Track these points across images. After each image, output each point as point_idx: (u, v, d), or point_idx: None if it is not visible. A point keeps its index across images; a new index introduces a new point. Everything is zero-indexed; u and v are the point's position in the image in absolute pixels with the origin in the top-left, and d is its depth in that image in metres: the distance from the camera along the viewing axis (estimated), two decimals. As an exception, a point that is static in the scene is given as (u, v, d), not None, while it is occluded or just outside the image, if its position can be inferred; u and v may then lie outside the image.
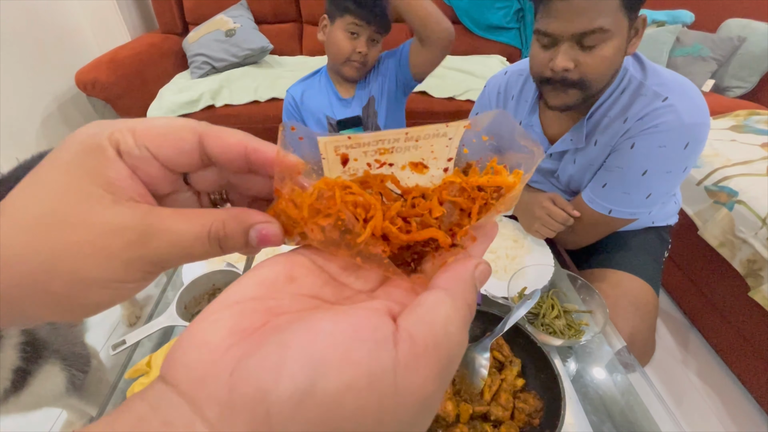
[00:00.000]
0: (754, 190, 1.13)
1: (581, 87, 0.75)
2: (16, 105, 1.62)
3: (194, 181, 0.20)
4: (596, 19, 0.67)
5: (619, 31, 0.69)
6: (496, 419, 0.54)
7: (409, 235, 0.19)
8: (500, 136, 0.20)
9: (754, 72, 1.71)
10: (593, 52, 0.71)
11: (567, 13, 0.69)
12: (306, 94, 1.13)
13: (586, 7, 0.67)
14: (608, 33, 0.68)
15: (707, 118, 0.75)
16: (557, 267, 0.77)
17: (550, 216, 0.84)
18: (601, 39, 0.69)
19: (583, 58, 0.71)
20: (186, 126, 0.18)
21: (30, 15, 1.68)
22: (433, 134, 0.19)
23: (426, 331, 0.15)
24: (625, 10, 0.68)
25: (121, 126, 0.17)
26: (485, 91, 1.04)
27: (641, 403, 0.60)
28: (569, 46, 0.71)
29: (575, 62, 0.72)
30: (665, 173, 0.77)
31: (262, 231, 0.18)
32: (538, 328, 0.66)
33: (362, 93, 1.14)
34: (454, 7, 2.05)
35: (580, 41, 0.70)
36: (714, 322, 1.31)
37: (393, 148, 0.19)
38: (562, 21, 0.70)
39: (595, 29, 0.68)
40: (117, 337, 0.84)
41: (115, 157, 0.17)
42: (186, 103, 1.69)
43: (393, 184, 0.20)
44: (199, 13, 2.04)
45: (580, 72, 0.73)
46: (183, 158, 0.18)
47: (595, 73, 0.73)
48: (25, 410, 0.76)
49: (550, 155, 0.93)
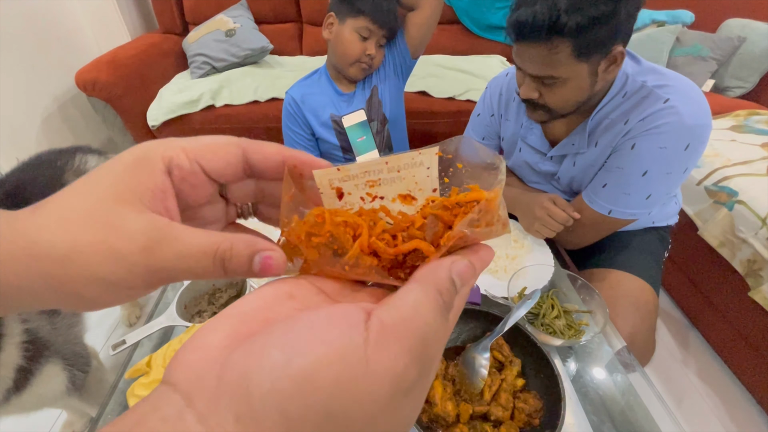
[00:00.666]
0: (754, 190, 1.13)
1: (546, 110, 0.79)
2: (16, 105, 1.62)
3: (231, 191, 0.22)
4: (546, 68, 0.71)
5: (575, 75, 0.72)
6: (496, 419, 0.54)
7: (396, 249, 0.20)
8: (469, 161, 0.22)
9: (754, 72, 1.71)
10: (552, 89, 0.75)
11: (524, 56, 0.73)
12: (306, 94, 1.13)
13: (537, 56, 0.71)
14: (560, 79, 0.72)
15: (709, 119, 0.74)
16: (557, 267, 0.77)
17: (550, 216, 0.84)
18: (557, 82, 0.73)
19: (544, 91, 0.76)
20: (231, 141, 0.21)
21: (30, 15, 1.68)
22: (410, 163, 0.21)
23: (395, 313, 0.16)
24: (579, 58, 0.69)
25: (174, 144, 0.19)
26: (486, 93, 1.04)
27: (641, 403, 0.60)
28: (531, 80, 0.76)
29: (539, 92, 0.77)
30: (665, 174, 0.77)
31: (267, 258, 0.19)
32: (538, 328, 0.66)
33: (363, 85, 1.14)
34: (454, 7, 2.05)
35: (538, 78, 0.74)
36: (714, 322, 1.31)
37: (379, 179, 0.21)
38: (521, 60, 0.74)
39: (546, 76, 0.72)
40: (117, 337, 0.84)
41: (160, 172, 0.19)
42: (186, 103, 1.69)
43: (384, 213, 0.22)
44: (199, 13, 2.04)
45: (543, 100, 0.77)
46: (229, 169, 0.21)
47: (555, 105, 0.78)
48: (26, 410, 0.76)
49: (551, 158, 0.93)
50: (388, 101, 1.17)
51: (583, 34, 0.65)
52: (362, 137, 1.16)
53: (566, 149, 0.88)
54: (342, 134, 1.14)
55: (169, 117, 1.69)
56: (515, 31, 0.70)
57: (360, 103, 1.13)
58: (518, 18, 0.68)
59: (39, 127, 1.74)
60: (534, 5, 0.66)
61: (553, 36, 0.66)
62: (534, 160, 0.97)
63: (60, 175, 0.92)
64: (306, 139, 1.15)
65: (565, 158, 0.91)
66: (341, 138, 1.15)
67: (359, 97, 1.13)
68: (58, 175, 0.92)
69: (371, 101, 1.14)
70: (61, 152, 0.99)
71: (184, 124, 1.71)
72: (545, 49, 0.68)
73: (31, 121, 1.71)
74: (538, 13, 0.65)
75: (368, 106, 1.14)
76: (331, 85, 1.12)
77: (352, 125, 1.14)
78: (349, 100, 1.13)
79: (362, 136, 1.16)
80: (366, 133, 1.16)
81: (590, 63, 0.70)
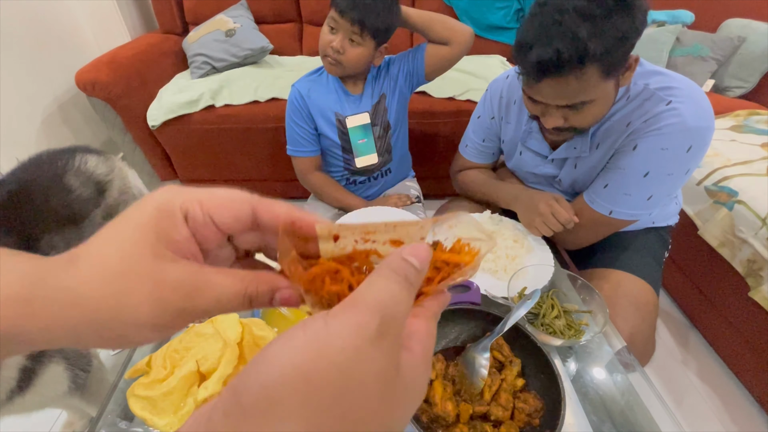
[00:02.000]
0: (754, 190, 1.13)
1: (574, 131, 0.79)
2: (16, 105, 1.62)
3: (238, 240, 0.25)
4: (577, 95, 0.69)
5: (603, 93, 0.71)
6: (496, 419, 0.54)
7: None
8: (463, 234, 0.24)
9: (754, 72, 1.71)
10: (581, 111, 0.73)
11: (549, 92, 0.70)
12: (313, 90, 1.12)
13: (565, 88, 0.68)
14: (592, 101, 0.71)
15: (712, 121, 0.74)
16: (557, 267, 0.77)
17: (554, 215, 0.84)
18: (587, 104, 0.71)
19: (572, 116, 0.74)
20: (244, 199, 0.23)
21: (30, 15, 1.68)
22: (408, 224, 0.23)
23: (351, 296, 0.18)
24: (606, 77, 0.68)
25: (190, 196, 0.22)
26: (487, 96, 1.04)
27: (641, 403, 0.60)
28: (556, 109, 0.74)
29: (565, 118, 0.75)
30: (667, 175, 0.77)
31: (284, 295, 0.22)
32: (538, 328, 0.66)
33: (370, 90, 1.13)
34: (454, 7, 2.04)
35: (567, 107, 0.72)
36: (714, 322, 1.31)
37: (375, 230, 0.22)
38: (544, 96, 0.72)
39: (577, 103, 0.70)
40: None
41: (182, 222, 0.21)
42: (186, 103, 1.69)
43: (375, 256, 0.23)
44: (199, 13, 2.04)
45: (570, 124, 0.76)
46: (238, 224, 0.23)
47: (585, 125, 0.77)
48: (28, 411, 0.76)
49: (552, 161, 0.93)
50: (393, 110, 1.17)
51: (610, 54, 0.64)
52: (363, 140, 1.16)
53: (568, 152, 0.88)
54: (344, 134, 1.14)
55: (169, 117, 1.68)
56: (538, 72, 0.67)
57: (366, 106, 1.13)
58: (539, 59, 0.65)
59: (39, 127, 1.74)
60: (551, 43, 0.63)
61: (582, 65, 0.64)
62: (535, 163, 0.97)
63: (61, 175, 0.92)
64: (308, 133, 1.15)
65: (567, 161, 0.90)
66: (342, 138, 1.15)
67: (366, 100, 1.13)
68: (59, 176, 0.91)
69: (378, 107, 1.14)
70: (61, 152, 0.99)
71: (184, 124, 1.71)
72: (573, 79, 0.66)
73: (31, 121, 1.71)
74: (562, 49, 0.63)
75: (374, 111, 1.14)
76: (339, 85, 1.12)
77: (355, 127, 1.14)
78: (356, 101, 1.13)
79: (363, 139, 1.16)
80: (367, 136, 1.16)
81: (614, 79, 0.70)
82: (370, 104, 1.13)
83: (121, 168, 1.12)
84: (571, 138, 0.82)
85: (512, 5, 2.01)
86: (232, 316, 0.60)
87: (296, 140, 1.16)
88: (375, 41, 1.01)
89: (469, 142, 1.11)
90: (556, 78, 0.66)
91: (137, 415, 0.52)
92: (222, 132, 1.73)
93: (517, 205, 0.93)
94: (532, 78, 0.69)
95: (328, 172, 1.26)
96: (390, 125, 1.18)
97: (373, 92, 1.13)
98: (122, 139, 1.79)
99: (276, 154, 1.78)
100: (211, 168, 1.90)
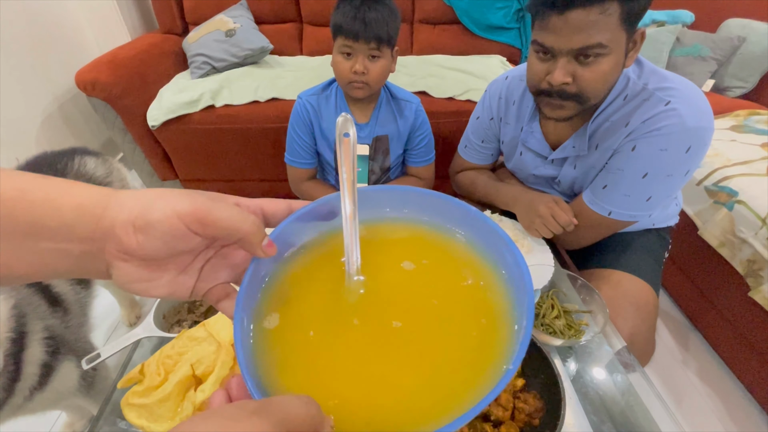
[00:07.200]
0: (754, 190, 1.13)
1: (578, 100, 0.75)
2: (16, 105, 1.62)
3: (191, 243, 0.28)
4: (595, 35, 0.66)
5: (617, 46, 0.69)
6: (496, 419, 0.54)
7: None
8: None
9: (754, 72, 1.71)
10: (591, 66, 0.70)
11: (565, 29, 0.68)
12: (323, 108, 1.11)
13: (585, 23, 0.66)
14: (607, 48, 0.68)
15: (711, 122, 0.74)
16: (557, 267, 0.77)
17: (553, 217, 0.84)
18: (600, 54, 0.69)
19: (581, 72, 0.71)
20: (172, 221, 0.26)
21: (30, 15, 1.68)
22: None
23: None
24: (624, 25, 0.67)
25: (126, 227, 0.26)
26: (486, 96, 1.03)
27: (641, 403, 0.60)
28: (567, 60, 0.71)
29: (573, 76, 0.72)
30: (666, 177, 0.77)
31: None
32: (538, 328, 0.66)
33: (376, 123, 1.12)
34: (454, 7, 2.04)
35: (578, 56, 0.70)
36: (714, 322, 1.31)
37: None
38: (559, 36, 0.69)
39: (593, 45, 0.67)
40: (117, 337, 0.84)
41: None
42: (186, 103, 1.69)
43: None
44: (199, 13, 2.04)
45: (577, 86, 0.73)
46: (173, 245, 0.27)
47: (592, 88, 0.73)
48: (44, 409, 0.78)
49: (551, 161, 0.93)
50: (393, 156, 1.18)
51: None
52: (357, 169, 1.16)
53: (567, 152, 0.88)
54: None
55: (169, 117, 1.68)
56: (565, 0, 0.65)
57: (367, 138, 1.13)
58: None
59: (39, 127, 1.74)
60: None
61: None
62: (534, 163, 0.96)
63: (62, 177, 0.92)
64: (308, 146, 1.15)
65: (566, 161, 0.90)
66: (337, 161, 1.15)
67: (370, 130, 1.12)
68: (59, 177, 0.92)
69: (378, 142, 1.14)
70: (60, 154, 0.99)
71: (184, 124, 1.71)
72: (596, 12, 0.64)
73: (31, 121, 1.71)
74: None
75: (374, 145, 1.14)
76: (346, 109, 1.10)
77: None
78: (360, 129, 1.12)
79: (357, 168, 1.16)
80: (362, 167, 1.17)
81: (628, 35, 0.69)
82: (371, 137, 1.13)
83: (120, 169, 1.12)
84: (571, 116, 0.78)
85: (512, 5, 2.01)
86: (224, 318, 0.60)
87: (295, 150, 1.16)
88: (390, 48, 1.01)
89: (468, 142, 1.11)
90: (580, 8, 0.65)
91: (134, 423, 0.51)
92: (222, 132, 1.73)
93: (517, 206, 0.93)
94: (549, 8, 0.67)
95: (323, 178, 1.27)
96: (390, 168, 1.20)
97: (376, 124, 1.12)
98: (122, 139, 1.79)
99: (276, 155, 1.78)
100: (211, 168, 1.90)
